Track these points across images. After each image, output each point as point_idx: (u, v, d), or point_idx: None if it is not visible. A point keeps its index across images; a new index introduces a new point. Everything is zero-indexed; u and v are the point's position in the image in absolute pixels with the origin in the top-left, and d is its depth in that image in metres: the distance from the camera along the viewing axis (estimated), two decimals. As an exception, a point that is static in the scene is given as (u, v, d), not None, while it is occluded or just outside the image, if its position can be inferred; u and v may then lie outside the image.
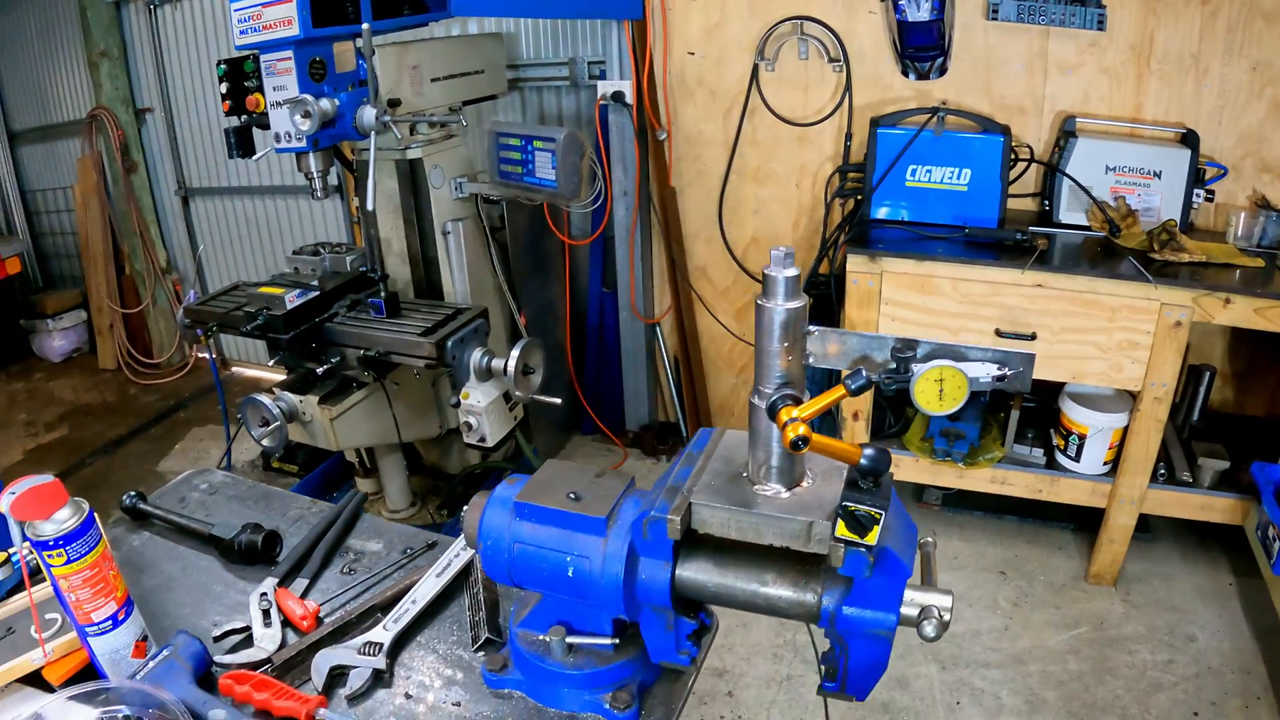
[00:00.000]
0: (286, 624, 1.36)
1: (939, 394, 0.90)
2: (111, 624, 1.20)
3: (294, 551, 1.52)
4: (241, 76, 2.59)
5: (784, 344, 0.95)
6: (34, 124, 5.49)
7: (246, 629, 1.34)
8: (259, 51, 2.49)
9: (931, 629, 0.95)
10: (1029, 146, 3.21)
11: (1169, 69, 3.04)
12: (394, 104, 2.76)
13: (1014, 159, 3.11)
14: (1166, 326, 2.70)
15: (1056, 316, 2.80)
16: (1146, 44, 3.04)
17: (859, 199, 3.31)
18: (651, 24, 3.48)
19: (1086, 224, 3.02)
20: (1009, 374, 0.89)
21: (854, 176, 3.41)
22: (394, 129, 2.64)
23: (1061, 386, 3.07)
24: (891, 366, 0.91)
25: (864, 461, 0.89)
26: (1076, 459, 3.03)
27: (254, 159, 2.74)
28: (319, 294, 2.73)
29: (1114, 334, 2.76)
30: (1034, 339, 2.84)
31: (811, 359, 0.97)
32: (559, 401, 2.86)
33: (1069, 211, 3.09)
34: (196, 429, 4.67)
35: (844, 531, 0.89)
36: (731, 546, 1.06)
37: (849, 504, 0.89)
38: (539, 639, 1.18)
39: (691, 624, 1.11)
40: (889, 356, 0.93)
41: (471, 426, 2.72)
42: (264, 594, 1.40)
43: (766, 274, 0.93)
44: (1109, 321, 2.75)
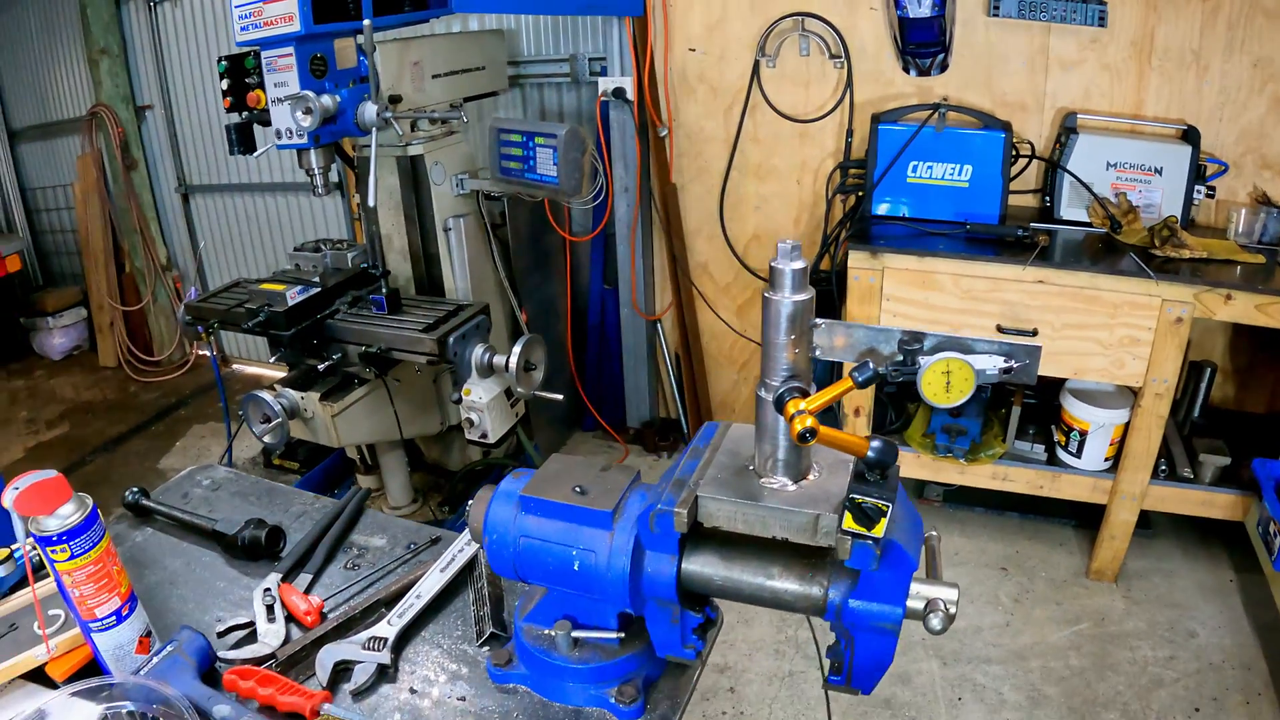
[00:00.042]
0: (290, 619, 1.36)
1: (946, 386, 0.90)
2: (115, 620, 1.20)
3: (298, 547, 1.52)
4: (242, 73, 2.59)
5: (791, 336, 0.95)
6: (34, 121, 5.48)
7: (250, 624, 1.34)
8: (260, 48, 2.49)
9: (938, 622, 0.95)
10: (1030, 143, 3.21)
11: (1170, 65, 3.04)
12: (395, 100, 2.76)
13: (1015, 155, 3.10)
14: (1167, 323, 2.70)
15: (1058, 313, 2.80)
16: (1147, 40, 3.03)
17: (860, 195, 3.31)
18: (652, 20, 3.48)
19: (1087, 220, 3.02)
20: (1015, 366, 0.89)
21: (855, 173, 3.41)
22: (395, 125, 2.64)
23: (1063, 383, 3.07)
24: (898, 359, 0.91)
25: (871, 454, 0.89)
26: (1078, 455, 3.03)
27: (255, 155, 2.74)
28: (320, 290, 2.73)
29: (1115, 330, 2.76)
30: (1035, 335, 2.84)
31: (818, 352, 0.97)
32: (560, 397, 2.86)
33: (1070, 208, 3.09)
34: (197, 426, 4.67)
35: (851, 524, 0.89)
36: (737, 540, 1.06)
37: (856, 496, 0.89)
38: (544, 633, 1.18)
39: (697, 618, 1.11)
40: (896, 349, 0.92)
41: (473, 423, 2.72)
42: (268, 589, 1.40)
43: (773, 266, 0.93)
44: (1110, 318, 2.75)
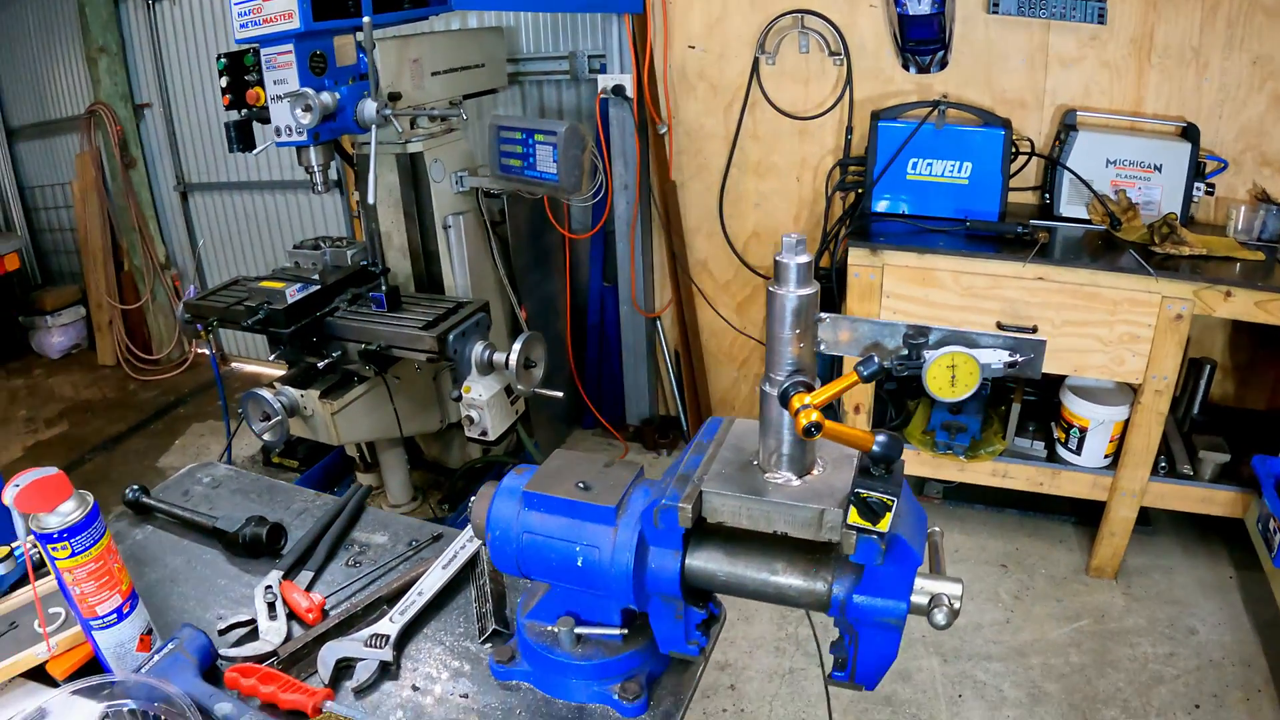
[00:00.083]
0: (292, 617, 1.36)
1: (951, 380, 0.90)
2: (116, 617, 1.20)
3: (299, 544, 1.51)
4: (242, 70, 2.58)
5: (795, 331, 0.94)
6: (32, 120, 5.46)
7: (252, 622, 1.34)
8: (259, 45, 2.49)
9: (942, 617, 0.95)
10: (1030, 140, 3.21)
11: (1169, 63, 3.04)
12: (394, 98, 2.75)
13: (1015, 152, 3.10)
14: (1167, 319, 2.70)
15: (1058, 309, 2.80)
16: (1147, 38, 3.03)
17: (860, 192, 3.31)
18: (652, 18, 3.48)
19: (1087, 217, 3.02)
20: (1020, 360, 0.89)
21: (855, 170, 3.41)
22: (395, 123, 2.64)
23: (1062, 379, 3.07)
24: (903, 353, 0.91)
25: (877, 448, 0.89)
26: (1077, 452, 3.03)
27: (254, 153, 2.73)
28: (320, 288, 2.72)
29: (1115, 327, 2.76)
30: (1035, 332, 2.84)
31: (823, 346, 0.97)
32: (561, 395, 2.86)
33: (1070, 205, 3.09)
34: (196, 425, 4.66)
35: (856, 518, 0.89)
36: (741, 535, 1.06)
37: (861, 491, 0.89)
38: (547, 630, 1.18)
39: (700, 614, 1.10)
40: (900, 343, 0.92)
41: (473, 420, 2.71)
42: (269, 587, 1.40)
43: (778, 260, 0.93)
44: (1110, 314, 2.75)
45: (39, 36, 5.14)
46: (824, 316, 0.96)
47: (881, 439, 0.90)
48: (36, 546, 1.15)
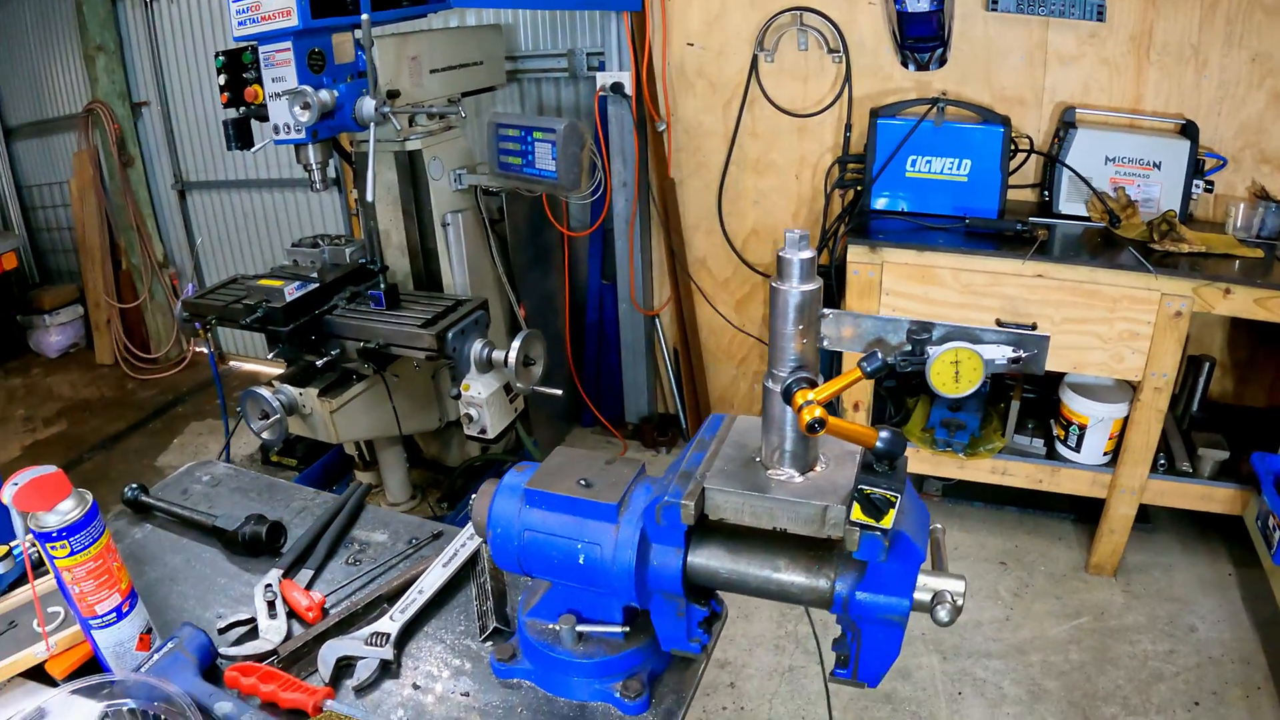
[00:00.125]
0: (292, 615, 1.35)
1: (955, 376, 0.90)
2: (116, 616, 1.19)
3: (298, 543, 1.51)
4: (240, 68, 2.58)
5: (799, 327, 0.94)
6: (30, 119, 5.45)
7: (251, 621, 1.33)
8: (257, 43, 2.48)
9: (945, 614, 0.94)
10: (1029, 137, 3.21)
11: (1169, 60, 3.04)
12: (393, 95, 2.75)
13: (1014, 150, 3.10)
14: (1167, 317, 2.70)
15: (1057, 307, 2.80)
16: (1146, 35, 3.03)
17: (859, 190, 3.30)
18: (651, 15, 3.47)
19: (1086, 215, 3.02)
20: (1024, 356, 0.89)
21: (854, 167, 3.40)
22: (393, 120, 2.63)
23: (1062, 377, 3.07)
24: (907, 349, 0.91)
25: (880, 444, 0.89)
26: (1077, 449, 3.03)
27: (252, 151, 2.73)
28: (318, 286, 2.72)
29: (1114, 324, 2.76)
30: (1034, 329, 2.84)
31: (826, 342, 0.97)
32: (560, 392, 2.85)
33: (1069, 202, 3.09)
34: (195, 424, 4.65)
35: (859, 515, 0.89)
36: (743, 533, 1.06)
37: (865, 487, 0.88)
38: (548, 628, 1.18)
39: (703, 611, 1.10)
40: (904, 339, 0.92)
41: (472, 418, 2.71)
42: (269, 585, 1.39)
43: (781, 256, 0.92)
44: (1109, 312, 2.75)
45: (36, 35, 5.13)
46: (827, 312, 0.96)
47: (885, 435, 0.89)
48: (35, 545, 1.15)
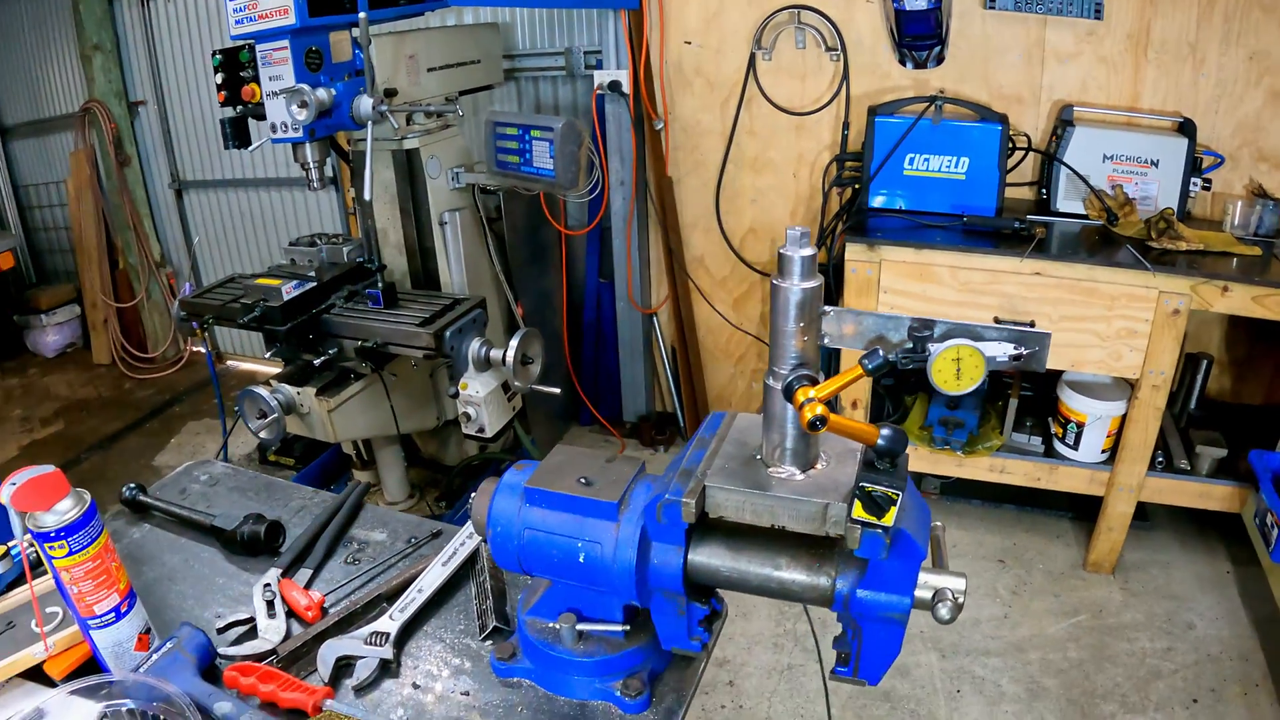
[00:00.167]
0: (291, 615, 1.35)
1: (956, 373, 0.89)
2: (114, 616, 1.19)
3: (297, 542, 1.50)
4: (237, 67, 2.57)
5: (800, 324, 0.94)
6: (26, 118, 5.43)
7: (250, 620, 1.33)
8: (255, 41, 2.47)
9: (946, 611, 0.94)
10: (1026, 135, 3.21)
11: (1166, 58, 3.04)
12: (390, 94, 2.74)
13: (1012, 148, 3.10)
14: (1165, 314, 2.70)
15: (1055, 305, 2.80)
16: (1144, 33, 3.03)
17: (857, 188, 3.30)
18: (648, 13, 3.46)
19: (1084, 213, 3.02)
20: (1025, 353, 0.89)
21: (852, 165, 3.40)
22: (391, 119, 2.62)
23: (1060, 375, 3.07)
24: (908, 346, 0.91)
25: (881, 442, 0.89)
26: (1075, 447, 3.03)
27: (250, 150, 2.72)
28: (316, 285, 2.71)
29: (1112, 322, 2.76)
30: (1033, 327, 2.84)
31: (827, 339, 0.97)
32: (558, 391, 2.85)
33: (1066, 200, 3.09)
34: (192, 423, 4.64)
35: (861, 513, 0.89)
36: (744, 531, 1.05)
37: (866, 485, 0.88)
38: (548, 626, 1.17)
39: (703, 609, 1.10)
40: (905, 336, 0.92)
41: (470, 417, 2.70)
42: (268, 585, 1.39)
43: (782, 253, 0.92)
44: (1107, 309, 2.75)
45: (33, 34, 5.12)
46: (828, 310, 0.96)
47: (886, 433, 0.89)
48: (33, 545, 1.14)
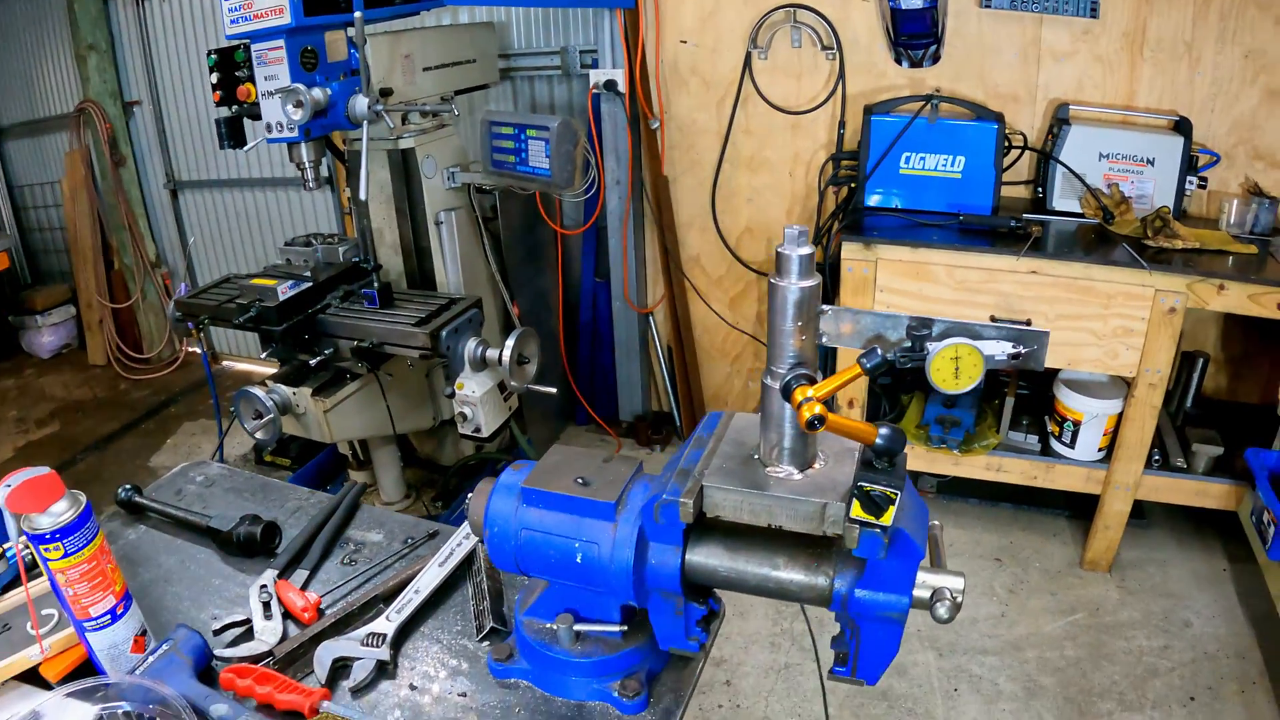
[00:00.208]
0: (287, 616, 1.34)
1: (955, 372, 0.89)
2: (110, 618, 1.18)
3: (293, 543, 1.50)
4: (232, 66, 2.56)
5: (798, 323, 0.94)
6: (21, 118, 5.41)
7: (247, 622, 1.33)
8: (250, 41, 2.47)
9: (945, 610, 0.94)
10: (1022, 134, 3.21)
11: (1162, 56, 3.05)
12: (386, 93, 2.73)
13: (1008, 146, 3.10)
14: (1161, 313, 2.70)
15: (1051, 303, 2.80)
16: (1139, 31, 3.03)
17: (853, 187, 3.30)
18: (644, 12, 3.46)
19: (1080, 211, 3.03)
20: (1024, 352, 0.89)
21: (848, 164, 3.40)
22: (386, 118, 2.62)
23: (1056, 373, 3.07)
24: (906, 345, 0.90)
25: (880, 441, 0.88)
26: (1071, 445, 3.04)
27: (245, 149, 2.71)
28: (312, 285, 2.70)
29: (1109, 320, 2.77)
30: (1029, 326, 2.84)
31: (825, 339, 0.96)
32: (554, 391, 2.84)
33: (1062, 199, 3.09)
34: (188, 424, 4.63)
35: (859, 512, 0.89)
36: (742, 530, 1.05)
37: (864, 484, 0.88)
38: (545, 627, 1.17)
39: (701, 610, 1.10)
40: (904, 335, 0.92)
41: (466, 417, 2.70)
42: (264, 586, 1.38)
43: (780, 252, 0.92)
44: (1104, 308, 2.75)
45: (28, 34, 5.10)
46: (826, 309, 0.96)
47: (885, 432, 0.89)
48: (29, 547, 1.14)
